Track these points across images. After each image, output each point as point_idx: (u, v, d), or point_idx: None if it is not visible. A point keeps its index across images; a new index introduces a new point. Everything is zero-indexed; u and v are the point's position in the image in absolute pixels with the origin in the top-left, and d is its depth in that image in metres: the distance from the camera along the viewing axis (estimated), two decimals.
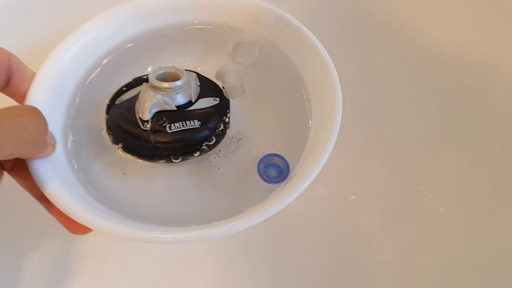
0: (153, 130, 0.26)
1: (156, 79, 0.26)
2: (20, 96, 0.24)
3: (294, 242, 0.31)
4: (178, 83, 0.26)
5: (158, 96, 0.26)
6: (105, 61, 0.30)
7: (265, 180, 0.25)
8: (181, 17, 0.32)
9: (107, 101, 0.28)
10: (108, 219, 0.22)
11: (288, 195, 0.22)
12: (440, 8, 0.43)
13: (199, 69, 0.31)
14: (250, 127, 0.29)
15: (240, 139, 0.28)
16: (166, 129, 0.26)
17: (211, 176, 0.27)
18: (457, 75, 0.39)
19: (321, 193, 0.33)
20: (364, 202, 0.33)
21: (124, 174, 0.27)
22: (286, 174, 0.25)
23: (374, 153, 0.35)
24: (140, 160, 0.27)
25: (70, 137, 0.27)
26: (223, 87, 0.29)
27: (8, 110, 0.19)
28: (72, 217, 0.21)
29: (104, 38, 0.30)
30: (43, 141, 0.21)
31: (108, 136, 0.28)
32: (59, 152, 0.25)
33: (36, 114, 0.20)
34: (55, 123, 0.26)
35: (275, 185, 0.25)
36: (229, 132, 0.28)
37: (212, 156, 0.27)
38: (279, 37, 0.31)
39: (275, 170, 0.26)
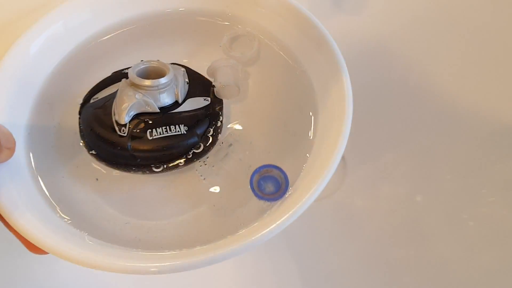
0: (131, 136, 0.22)
1: (137, 75, 0.22)
2: None
3: (361, 237, 0.33)
4: (162, 80, 0.22)
5: (138, 96, 0.22)
6: (80, 53, 0.26)
7: (258, 197, 0.21)
8: (168, 3, 0.28)
9: (80, 100, 0.25)
10: (73, 242, 0.18)
11: (285, 218, 0.19)
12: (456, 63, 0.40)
13: (185, 61, 0.27)
14: (243, 131, 0.25)
15: (230, 144, 0.24)
16: (146, 135, 0.22)
17: (196, 187, 0.23)
18: None
19: (386, 192, 0.35)
20: (428, 203, 0.34)
21: (97, 179, 0.23)
22: (284, 190, 0.21)
23: (438, 157, 0.36)
24: (114, 170, 0.23)
25: (34, 139, 0.23)
26: (214, 85, 0.25)
27: None
28: (29, 239, 0.18)
29: (76, 27, 0.26)
30: None
31: (81, 140, 0.24)
32: (20, 157, 0.21)
33: None
34: (17, 121, 0.23)
35: (270, 203, 0.22)
36: (220, 137, 0.24)
37: (198, 164, 0.24)
38: (282, 28, 0.27)
39: (272, 185, 0.22)
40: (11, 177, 0.20)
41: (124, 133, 0.22)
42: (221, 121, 0.24)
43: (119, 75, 0.25)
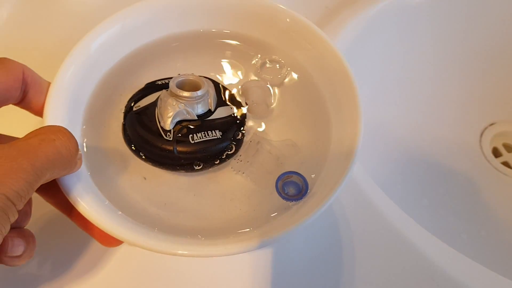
0: (176, 140, 0.26)
1: (177, 87, 0.26)
2: (37, 108, 0.23)
3: None
4: (199, 92, 0.26)
5: (181, 106, 0.26)
6: (124, 62, 0.30)
7: (283, 198, 0.26)
8: (212, 24, 0.32)
9: (122, 108, 0.28)
10: (142, 233, 0.22)
11: (314, 210, 0.23)
12: None
13: (213, 74, 0.31)
14: (267, 132, 0.30)
15: (258, 142, 0.28)
16: (189, 139, 0.26)
17: (234, 181, 0.27)
18: None
19: None
20: None
21: (145, 178, 0.27)
22: (305, 192, 0.26)
23: None
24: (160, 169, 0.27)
25: (86, 144, 0.26)
26: (246, 103, 0.29)
27: (38, 136, 0.18)
28: (109, 233, 0.21)
29: (131, 34, 0.30)
30: (74, 161, 0.20)
31: (125, 144, 0.27)
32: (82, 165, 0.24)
33: (67, 136, 0.19)
34: (75, 129, 0.26)
35: (294, 202, 0.26)
36: (245, 139, 0.29)
37: (233, 162, 0.28)
38: (314, 66, 0.31)
39: (293, 188, 0.26)
40: (81, 184, 0.22)
41: (170, 137, 0.26)
42: (246, 126, 0.29)
43: (154, 86, 0.29)
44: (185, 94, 0.26)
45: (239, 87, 0.31)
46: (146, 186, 0.27)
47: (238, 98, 0.30)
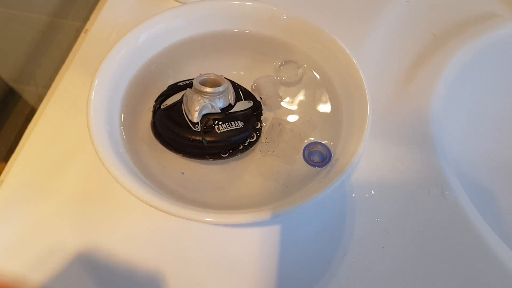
0: (204, 131, 0.28)
1: (200, 84, 0.29)
2: None
3: None
4: (220, 88, 0.29)
5: (205, 100, 0.28)
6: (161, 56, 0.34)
7: (310, 165, 0.29)
8: (242, 26, 0.35)
9: (151, 107, 0.31)
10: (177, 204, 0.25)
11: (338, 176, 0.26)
12: None
13: (242, 73, 0.35)
14: (285, 115, 0.33)
15: (279, 124, 0.32)
16: (215, 129, 0.28)
17: (263, 163, 0.31)
18: None
19: None
20: None
21: (182, 173, 0.30)
22: (329, 159, 0.29)
23: None
24: (192, 160, 0.30)
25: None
26: (261, 98, 0.33)
27: None
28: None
29: (174, 31, 0.34)
30: None
31: (156, 139, 0.30)
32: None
33: None
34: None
35: (319, 168, 0.29)
36: (263, 129, 0.32)
37: (260, 145, 0.31)
38: (326, 59, 0.34)
39: (318, 157, 0.30)
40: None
41: (198, 129, 0.28)
42: (263, 117, 0.31)
43: (177, 87, 0.32)
44: (208, 90, 0.29)
45: (252, 83, 0.34)
46: (183, 178, 0.30)
47: (253, 94, 0.33)
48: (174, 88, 0.32)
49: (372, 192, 0.35)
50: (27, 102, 0.49)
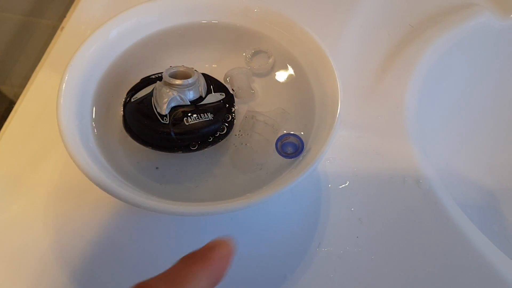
0: (173, 123, 0.28)
1: (170, 77, 0.29)
2: None
3: None
4: (190, 80, 0.29)
5: (174, 93, 0.28)
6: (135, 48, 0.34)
7: (283, 156, 0.29)
8: (211, 17, 0.35)
9: (121, 100, 0.31)
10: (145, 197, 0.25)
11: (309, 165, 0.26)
12: None
13: (214, 66, 0.35)
14: (256, 107, 0.33)
15: (253, 116, 0.32)
16: (184, 121, 0.28)
17: (238, 155, 0.31)
18: None
19: None
20: None
21: (157, 168, 0.30)
22: (301, 149, 0.29)
23: None
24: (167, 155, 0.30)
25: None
26: (233, 90, 0.32)
27: None
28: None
29: (145, 25, 0.34)
30: None
31: (126, 132, 0.30)
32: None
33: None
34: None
35: (292, 159, 0.29)
36: (237, 119, 0.32)
37: (234, 138, 0.31)
38: (297, 48, 0.34)
39: (291, 147, 0.30)
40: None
41: (166, 121, 0.28)
42: (235, 109, 0.32)
43: (149, 80, 0.32)
44: (178, 82, 0.29)
45: (225, 75, 0.34)
46: (158, 172, 0.30)
47: (225, 86, 0.33)
48: (146, 81, 0.32)
49: (348, 182, 0.36)
50: (3, 102, 0.49)
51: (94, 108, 0.31)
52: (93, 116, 0.31)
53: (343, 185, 0.35)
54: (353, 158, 0.37)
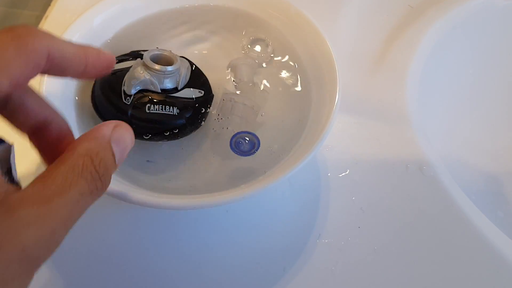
0: (133, 106, 0.26)
1: (150, 59, 0.27)
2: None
3: None
4: (169, 68, 0.27)
5: (147, 76, 0.26)
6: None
7: (235, 153, 0.28)
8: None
9: None
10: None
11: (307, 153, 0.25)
12: None
13: (205, 52, 0.33)
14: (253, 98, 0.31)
15: (231, 99, 0.30)
16: (145, 108, 0.26)
17: (219, 141, 0.29)
18: None
19: None
20: None
21: (148, 160, 0.28)
22: (256, 148, 0.28)
23: None
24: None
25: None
26: (234, 80, 0.30)
27: None
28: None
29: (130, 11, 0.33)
30: None
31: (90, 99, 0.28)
32: None
33: None
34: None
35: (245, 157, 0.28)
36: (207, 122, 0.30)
37: (214, 122, 0.29)
38: (296, 36, 0.32)
39: (247, 145, 0.29)
40: None
41: (128, 102, 0.26)
42: (208, 112, 0.29)
43: (136, 55, 0.30)
44: (156, 67, 0.27)
45: (228, 63, 0.32)
46: (146, 164, 0.29)
47: (210, 85, 0.30)
48: (133, 55, 0.30)
49: (348, 171, 0.34)
50: None
51: (76, 97, 0.29)
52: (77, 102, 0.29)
53: (343, 174, 0.34)
54: (353, 145, 0.35)
